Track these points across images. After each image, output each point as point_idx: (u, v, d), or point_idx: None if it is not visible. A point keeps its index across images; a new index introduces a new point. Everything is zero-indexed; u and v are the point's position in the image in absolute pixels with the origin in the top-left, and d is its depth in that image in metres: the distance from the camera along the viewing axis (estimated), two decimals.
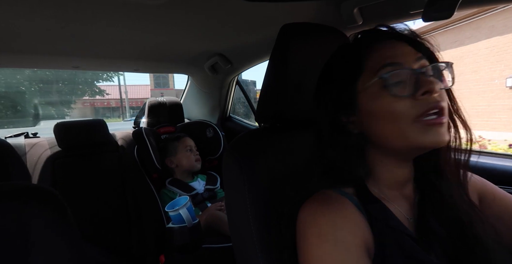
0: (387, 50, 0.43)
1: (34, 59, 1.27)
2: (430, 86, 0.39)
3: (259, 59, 1.36)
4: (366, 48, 0.45)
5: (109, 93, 10.06)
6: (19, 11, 0.78)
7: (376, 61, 0.43)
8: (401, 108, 0.40)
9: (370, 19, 0.83)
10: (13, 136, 1.48)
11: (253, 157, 0.60)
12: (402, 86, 0.40)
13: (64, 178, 1.36)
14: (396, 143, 0.43)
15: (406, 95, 0.40)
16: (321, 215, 0.42)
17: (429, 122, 0.39)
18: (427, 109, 0.39)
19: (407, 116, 0.40)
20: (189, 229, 0.97)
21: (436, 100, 0.39)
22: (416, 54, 0.42)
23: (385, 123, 0.42)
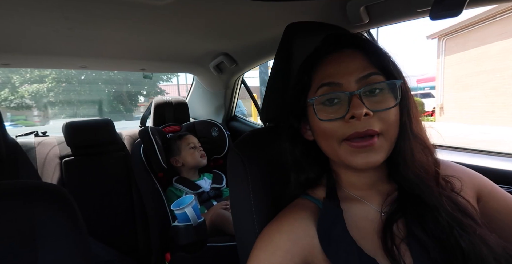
0: (332, 67, 0.44)
1: (42, 60, 1.30)
2: (356, 112, 0.39)
3: (264, 58, 1.35)
4: (317, 60, 0.46)
5: (168, 92, 10.66)
6: (28, 12, 0.79)
7: (319, 78, 0.45)
8: (331, 129, 0.42)
9: (376, 17, 0.82)
10: (23, 134, 1.51)
11: (257, 156, 0.60)
12: (336, 108, 0.42)
13: (72, 177, 1.38)
14: (332, 157, 0.46)
15: (335, 118, 0.42)
16: (274, 222, 0.46)
17: (354, 145, 0.41)
18: (352, 134, 0.41)
19: (336, 137, 0.42)
20: (195, 228, 0.98)
21: (362, 126, 0.40)
22: (363, 72, 0.42)
23: (321, 139, 0.45)
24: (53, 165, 1.38)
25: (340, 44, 0.46)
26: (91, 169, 1.43)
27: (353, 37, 0.46)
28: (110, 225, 1.38)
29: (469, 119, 7.60)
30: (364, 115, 0.39)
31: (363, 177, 0.47)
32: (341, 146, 0.42)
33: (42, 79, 6.20)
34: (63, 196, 0.55)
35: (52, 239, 0.51)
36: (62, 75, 6.14)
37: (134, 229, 1.45)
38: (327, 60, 0.45)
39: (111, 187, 1.44)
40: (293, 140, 0.50)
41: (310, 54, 0.49)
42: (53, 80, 6.23)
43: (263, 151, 0.61)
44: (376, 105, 0.41)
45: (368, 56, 0.43)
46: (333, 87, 0.43)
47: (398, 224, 0.43)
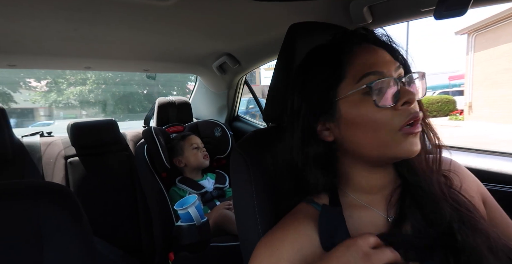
0: (370, 57, 0.42)
1: (48, 61, 1.31)
2: (410, 97, 0.39)
3: (267, 58, 1.36)
4: (347, 53, 0.44)
5: None
6: (33, 14, 0.80)
7: (358, 69, 0.42)
8: (384, 118, 0.40)
9: (380, 17, 0.81)
10: (29, 135, 1.53)
11: (260, 156, 0.60)
12: (384, 96, 0.40)
13: (77, 176, 1.40)
14: (372, 152, 0.43)
15: (389, 105, 0.40)
16: (277, 228, 0.46)
17: (407, 131, 0.40)
18: (408, 120, 0.40)
19: (390, 126, 0.40)
20: (198, 228, 0.98)
21: (414, 111, 0.40)
22: (395, 63, 0.42)
23: (366, 131, 0.42)
24: (58, 165, 1.39)
25: (364, 39, 0.45)
26: (96, 168, 1.44)
27: (375, 33, 0.46)
28: (113, 225, 1.39)
29: (498, 118, 7.30)
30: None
31: (376, 178, 0.46)
32: (395, 136, 0.40)
33: (84, 82, 6.85)
34: (68, 195, 0.55)
35: (57, 238, 0.51)
36: (101, 78, 6.73)
37: (138, 228, 1.46)
38: (359, 52, 0.43)
39: (115, 187, 1.45)
40: (307, 140, 0.46)
41: (330, 47, 0.47)
42: (93, 83, 6.86)
43: (266, 151, 0.61)
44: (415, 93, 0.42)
45: (389, 51, 0.44)
46: (378, 76, 0.41)
47: (406, 227, 0.42)
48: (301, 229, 0.44)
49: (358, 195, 0.47)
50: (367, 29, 0.46)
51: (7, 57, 1.19)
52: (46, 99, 6.78)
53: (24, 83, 3.27)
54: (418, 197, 0.43)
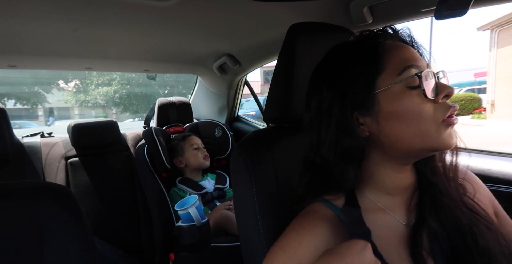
0: (405, 52, 0.43)
1: (48, 61, 1.31)
2: (449, 91, 0.41)
3: (267, 59, 1.36)
4: (383, 47, 0.44)
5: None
6: (33, 14, 0.80)
7: (397, 62, 0.42)
8: (428, 110, 0.41)
9: (380, 17, 0.81)
10: (29, 135, 1.53)
11: (260, 157, 0.60)
12: (417, 92, 0.41)
13: (77, 177, 1.40)
14: (414, 144, 0.42)
15: (432, 98, 0.41)
16: (295, 230, 0.44)
17: (449, 122, 0.41)
18: (450, 113, 0.41)
19: (434, 119, 0.41)
20: (198, 228, 0.98)
21: (453, 104, 0.41)
22: (425, 60, 0.44)
23: (409, 123, 0.41)
24: (59, 165, 1.39)
25: (396, 37, 0.46)
26: (96, 169, 1.44)
27: (403, 32, 0.48)
28: (114, 225, 1.39)
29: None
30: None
31: (400, 179, 0.46)
32: (439, 128, 0.41)
33: (110, 83, 7.38)
34: (68, 195, 0.55)
35: (57, 238, 0.51)
36: (125, 78, 7.23)
37: (138, 229, 1.46)
38: (396, 45, 0.44)
39: (115, 187, 1.45)
40: (343, 135, 0.45)
41: (359, 43, 0.47)
42: (118, 83, 7.41)
43: (266, 151, 0.61)
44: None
45: (420, 51, 0.46)
46: (418, 69, 0.42)
47: (424, 233, 0.42)
48: (318, 231, 0.43)
49: (377, 196, 0.46)
50: (394, 28, 0.47)
51: (8, 58, 1.19)
52: (76, 99, 7.45)
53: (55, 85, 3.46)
54: (437, 200, 0.43)
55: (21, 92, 4.16)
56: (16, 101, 4.14)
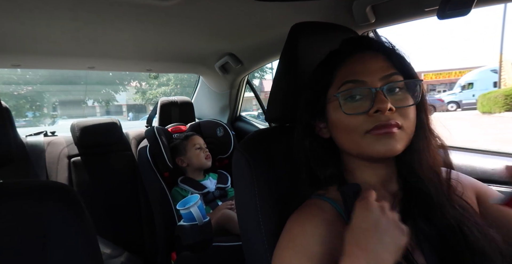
0: (356, 66, 0.46)
1: (51, 61, 1.32)
2: (381, 106, 0.42)
3: (269, 58, 1.36)
4: (341, 59, 0.48)
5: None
6: (36, 14, 0.81)
7: (342, 76, 0.47)
8: (354, 123, 0.45)
9: (383, 17, 0.81)
10: (33, 134, 1.54)
11: (262, 156, 0.60)
12: (359, 103, 0.45)
13: (80, 176, 1.40)
14: (352, 151, 0.47)
15: (359, 113, 0.44)
16: (296, 223, 0.46)
17: (377, 133, 0.43)
18: (376, 126, 0.43)
19: (359, 130, 0.44)
20: (200, 227, 0.98)
21: (387, 119, 0.42)
22: (386, 71, 0.45)
23: (342, 133, 0.47)
24: (62, 164, 1.40)
25: (362, 46, 0.48)
26: (99, 168, 1.45)
27: (374, 40, 0.49)
28: (116, 224, 1.40)
29: None
30: (388, 110, 0.42)
31: (376, 174, 0.49)
32: (364, 138, 0.44)
33: (167, 83, 8.41)
34: (71, 195, 0.56)
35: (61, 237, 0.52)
36: (178, 79, 8.12)
37: (140, 228, 1.47)
38: (350, 59, 0.47)
39: (118, 186, 1.45)
40: (312, 137, 0.52)
41: (331, 53, 0.51)
42: (173, 83, 8.49)
43: (268, 151, 0.61)
44: (397, 102, 0.44)
45: (388, 58, 0.46)
46: (357, 84, 0.45)
47: (409, 225, 0.42)
48: (317, 220, 0.45)
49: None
50: (366, 37, 0.50)
51: (12, 57, 1.20)
52: (142, 98, 8.38)
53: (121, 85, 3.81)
54: (421, 199, 0.45)
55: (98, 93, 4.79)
56: (94, 100, 4.85)
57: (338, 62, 0.48)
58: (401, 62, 0.46)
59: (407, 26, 2.39)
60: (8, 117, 1.22)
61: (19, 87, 4.03)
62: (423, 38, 10.32)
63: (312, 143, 0.51)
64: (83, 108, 4.66)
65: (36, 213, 0.51)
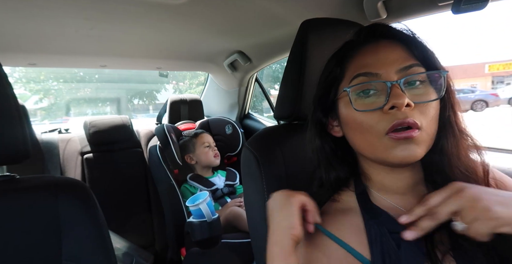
0: (369, 57, 0.41)
1: (65, 59, 1.35)
2: (397, 102, 0.37)
3: (279, 56, 1.35)
4: (353, 50, 0.43)
5: None
6: (51, 14, 0.83)
7: (354, 68, 0.42)
8: (369, 122, 0.39)
9: (394, 12, 0.79)
10: (48, 131, 1.58)
11: (270, 154, 0.60)
12: (372, 99, 0.40)
13: (92, 172, 1.44)
14: (367, 154, 0.42)
15: (373, 109, 0.39)
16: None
17: (396, 137, 0.38)
18: (393, 125, 0.37)
19: (375, 130, 0.39)
20: (209, 224, 0.99)
21: (404, 116, 0.37)
22: (404, 62, 0.39)
23: (355, 133, 0.42)
24: (75, 161, 1.44)
25: (376, 34, 0.43)
26: (110, 165, 1.48)
27: (390, 28, 0.43)
28: (127, 220, 1.43)
29: None
30: (406, 106, 0.37)
31: (399, 179, 0.43)
32: (382, 140, 0.39)
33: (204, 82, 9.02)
34: (85, 191, 0.57)
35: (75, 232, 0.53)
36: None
37: (151, 224, 1.49)
38: (363, 50, 0.42)
39: (129, 183, 1.48)
40: (321, 136, 0.47)
41: (343, 44, 0.46)
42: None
43: (276, 148, 0.61)
44: (417, 98, 0.38)
45: (408, 47, 0.40)
46: (370, 77, 0.40)
47: (441, 233, 0.38)
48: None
49: (388, 195, 0.44)
50: (382, 24, 0.44)
51: (28, 57, 1.23)
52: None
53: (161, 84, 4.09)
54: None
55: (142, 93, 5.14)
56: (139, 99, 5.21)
57: (350, 54, 0.43)
58: (422, 52, 0.40)
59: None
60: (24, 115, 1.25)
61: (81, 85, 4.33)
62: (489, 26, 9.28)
63: (322, 142, 0.47)
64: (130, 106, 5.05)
65: (51, 208, 0.53)
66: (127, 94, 4.81)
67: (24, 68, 3.76)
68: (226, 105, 1.85)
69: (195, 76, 6.75)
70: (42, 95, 4.37)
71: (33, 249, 0.51)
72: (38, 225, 0.52)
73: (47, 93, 4.36)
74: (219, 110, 1.90)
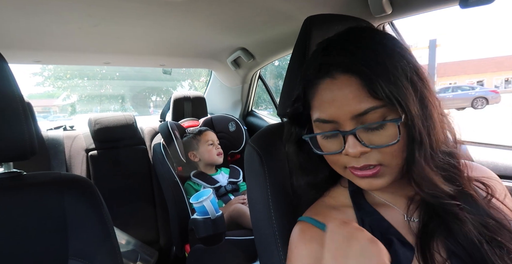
0: (325, 102, 0.40)
1: (69, 56, 1.36)
2: (351, 151, 0.38)
3: (282, 52, 1.34)
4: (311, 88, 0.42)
5: None
6: (55, 11, 0.83)
7: (315, 107, 0.42)
8: (332, 158, 0.43)
9: (400, 8, 0.78)
10: (53, 128, 1.60)
11: (274, 151, 0.60)
12: (333, 141, 0.41)
13: (97, 169, 1.45)
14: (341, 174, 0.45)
15: (331, 153, 0.41)
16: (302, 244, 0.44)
17: (356, 174, 0.40)
18: (350, 167, 0.41)
19: (338, 164, 0.42)
20: (213, 221, 1.00)
21: (360, 163, 0.39)
22: (358, 108, 0.37)
23: (327, 159, 0.45)
24: (80, 158, 1.45)
25: (332, 69, 0.39)
26: (114, 162, 1.49)
27: (344, 62, 0.38)
28: (132, 217, 1.44)
29: None
30: (362, 153, 0.38)
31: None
32: (345, 171, 0.42)
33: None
34: (90, 188, 0.58)
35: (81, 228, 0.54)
36: None
37: (155, 220, 1.51)
38: (321, 86, 0.40)
39: (133, 180, 1.49)
40: (298, 144, 0.49)
41: (303, 75, 0.44)
42: None
43: (279, 146, 0.60)
44: (375, 140, 0.37)
45: (367, 84, 0.36)
46: (328, 124, 0.41)
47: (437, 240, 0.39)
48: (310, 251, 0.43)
49: (379, 193, 0.46)
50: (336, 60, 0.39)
51: (33, 54, 1.24)
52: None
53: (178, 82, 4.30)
54: (442, 213, 0.40)
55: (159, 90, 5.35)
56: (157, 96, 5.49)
57: (310, 91, 0.42)
58: (382, 86, 0.35)
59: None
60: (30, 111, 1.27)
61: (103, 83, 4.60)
62: None
63: (303, 150, 0.49)
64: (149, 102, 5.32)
65: (57, 205, 0.53)
66: (146, 91, 4.98)
67: (52, 66, 4.07)
68: (229, 102, 1.85)
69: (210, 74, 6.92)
70: (69, 92, 4.73)
71: (40, 245, 0.52)
72: (45, 221, 0.52)
73: (74, 90, 4.68)
74: (223, 108, 1.90)
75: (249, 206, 0.64)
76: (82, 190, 0.56)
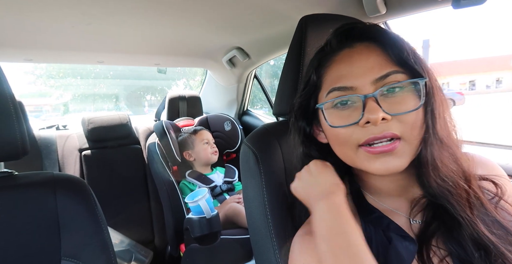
0: (344, 67, 0.39)
1: (62, 55, 1.34)
2: (371, 117, 0.36)
3: (277, 52, 1.34)
4: (326, 60, 0.42)
5: None
6: (48, 9, 0.82)
7: (329, 80, 0.41)
8: (344, 135, 0.39)
9: (394, 8, 0.79)
10: (45, 128, 1.57)
11: (269, 150, 0.60)
12: (349, 112, 0.39)
13: (91, 169, 1.44)
14: (349, 164, 0.42)
15: (348, 124, 0.38)
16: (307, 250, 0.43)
17: (372, 151, 0.37)
18: (368, 138, 0.37)
19: (349, 143, 0.39)
20: (208, 220, 1.00)
21: (380, 130, 0.36)
22: (379, 71, 0.37)
23: (334, 144, 0.43)
24: (73, 157, 1.43)
25: (351, 37, 0.40)
26: (108, 161, 1.48)
27: (366, 29, 0.40)
28: (126, 216, 1.43)
29: None
30: (382, 120, 0.36)
31: (391, 181, 0.42)
32: (357, 152, 0.38)
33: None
34: (84, 187, 0.57)
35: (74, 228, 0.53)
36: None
37: (150, 220, 1.50)
38: (339, 57, 0.40)
39: (127, 180, 1.48)
40: (306, 143, 0.47)
41: (318, 50, 0.45)
42: None
43: (275, 145, 0.61)
44: (395, 107, 0.36)
45: (386, 50, 0.38)
46: (345, 91, 0.39)
47: (437, 239, 0.38)
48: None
49: (381, 198, 0.44)
50: (357, 26, 0.41)
51: (24, 52, 1.22)
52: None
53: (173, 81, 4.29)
54: (447, 216, 0.38)
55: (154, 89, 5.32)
56: (151, 95, 5.40)
57: (325, 64, 0.42)
58: (402, 55, 0.37)
59: None
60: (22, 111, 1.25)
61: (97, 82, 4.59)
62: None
63: (311, 149, 0.47)
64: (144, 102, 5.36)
65: (50, 205, 0.52)
66: (140, 90, 5.02)
67: (44, 65, 3.96)
68: (224, 102, 1.84)
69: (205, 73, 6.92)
70: (62, 91, 4.63)
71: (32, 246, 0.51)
72: (37, 222, 0.52)
73: (66, 89, 4.62)
74: (218, 107, 1.90)
75: (244, 204, 0.64)
76: (75, 190, 0.56)
